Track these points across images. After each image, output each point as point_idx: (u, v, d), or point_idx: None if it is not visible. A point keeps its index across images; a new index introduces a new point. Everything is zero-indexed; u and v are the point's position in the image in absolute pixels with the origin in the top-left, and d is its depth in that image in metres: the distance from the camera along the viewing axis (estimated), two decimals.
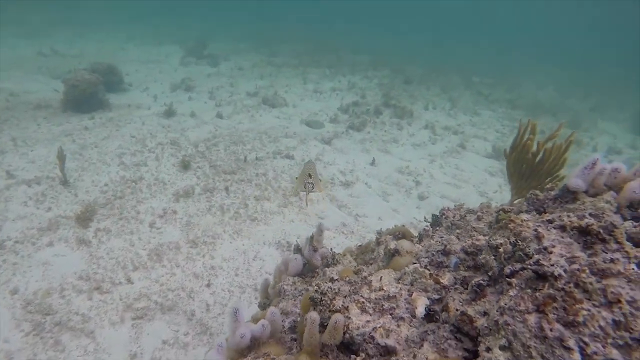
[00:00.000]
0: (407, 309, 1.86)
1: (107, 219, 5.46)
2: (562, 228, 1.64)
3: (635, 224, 1.61)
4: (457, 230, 2.95)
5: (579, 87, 21.16)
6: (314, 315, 1.73)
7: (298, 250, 3.60)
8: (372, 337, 1.70)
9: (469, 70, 20.53)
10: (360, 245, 3.56)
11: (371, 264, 3.33)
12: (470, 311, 1.62)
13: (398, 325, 1.76)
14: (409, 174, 8.18)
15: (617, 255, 1.41)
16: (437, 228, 3.22)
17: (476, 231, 2.80)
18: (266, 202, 6.31)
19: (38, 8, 23.28)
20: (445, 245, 2.57)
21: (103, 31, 20.81)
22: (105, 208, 5.68)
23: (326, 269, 2.98)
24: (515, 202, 3.41)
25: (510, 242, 1.70)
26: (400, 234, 3.67)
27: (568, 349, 1.18)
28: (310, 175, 3.44)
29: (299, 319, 2.24)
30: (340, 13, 44.27)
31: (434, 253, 2.55)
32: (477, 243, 2.17)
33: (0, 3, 19.61)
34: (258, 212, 6.03)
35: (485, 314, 1.59)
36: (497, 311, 1.45)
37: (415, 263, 2.33)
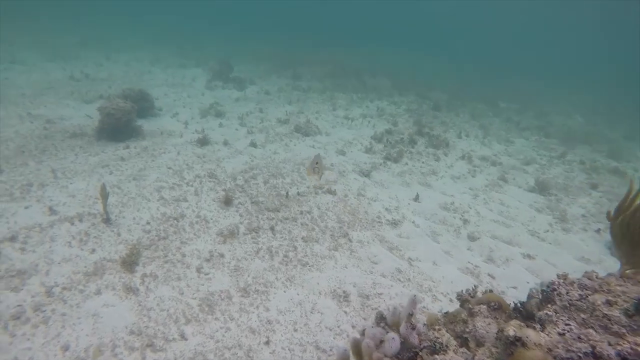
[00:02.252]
0: None
1: (152, 262, 5.19)
2: None
3: None
4: (582, 315, 2.62)
5: (603, 112, 20.75)
6: None
7: (382, 319, 3.27)
8: None
9: (492, 95, 20.29)
10: (446, 313, 3.22)
11: (465, 338, 2.99)
12: None
13: None
14: (455, 210, 7.82)
15: None
16: (551, 306, 2.89)
17: (611, 321, 2.46)
18: (315, 245, 5.99)
19: (66, 29, 23.78)
20: (594, 347, 2.22)
21: (128, 52, 21.09)
22: (150, 249, 5.42)
23: (436, 357, 2.63)
24: (627, 271, 3.06)
25: None
26: (496, 304, 3.34)
27: None
28: (317, 163, 5.54)
29: None
30: (353, 32, 44.75)
31: (581, 356, 2.21)
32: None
33: (28, 25, 20.03)
34: (308, 255, 5.71)
35: None
36: None
37: None
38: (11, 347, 3.77)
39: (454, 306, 5.25)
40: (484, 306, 3.17)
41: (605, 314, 2.45)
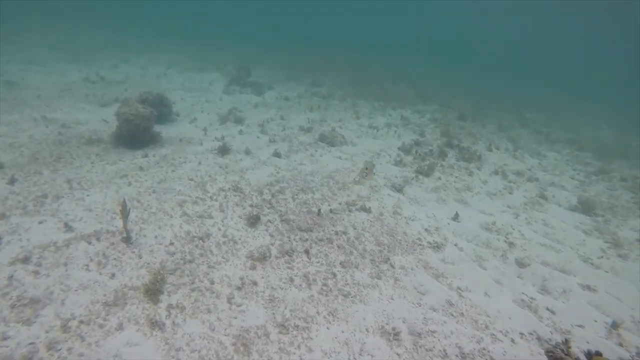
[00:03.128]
0: None
1: (178, 290, 4.65)
2: None
3: None
4: None
5: (629, 122, 19.98)
6: None
7: None
8: None
9: (515, 104, 19.63)
10: None
11: None
12: None
13: None
14: (497, 232, 7.20)
15: None
16: None
17: None
18: (355, 271, 5.41)
19: (82, 31, 23.56)
20: None
21: (144, 55, 20.76)
22: (175, 274, 4.88)
23: None
24: None
25: None
26: None
27: None
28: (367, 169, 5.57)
29: None
30: (371, 41, 44.34)
31: None
32: None
33: (47, 26, 19.79)
34: (349, 284, 5.14)
35: None
36: None
37: None
38: None
39: (517, 348, 4.65)
40: None
41: None
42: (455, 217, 7.39)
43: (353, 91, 17.86)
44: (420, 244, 6.35)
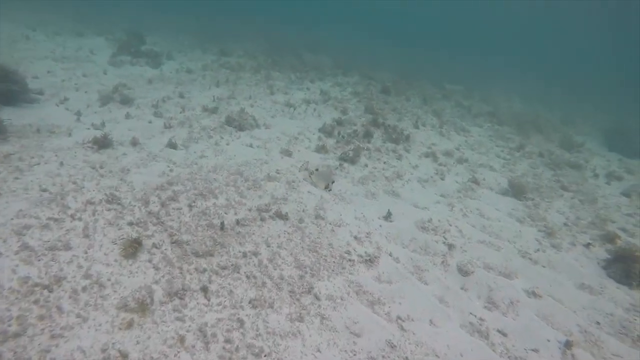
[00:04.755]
0: None
1: None
2: None
3: None
4: None
5: (537, 95, 20.99)
6: None
7: None
8: None
9: (436, 75, 19.40)
10: None
11: None
12: None
13: None
14: (435, 231, 6.35)
15: None
16: None
17: None
18: (270, 313, 4.09)
19: None
20: None
21: None
22: None
23: None
24: None
25: None
26: None
27: None
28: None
29: None
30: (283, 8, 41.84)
31: None
32: None
33: None
34: (262, 335, 3.81)
35: None
36: None
37: None
38: None
39: None
40: None
41: None
42: (388, 217, 6.38)
43: (267, 61, 16.03)
44: (349, 259, 5.21)
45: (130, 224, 4.99)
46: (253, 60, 15.91)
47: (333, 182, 5.78)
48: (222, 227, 5.24)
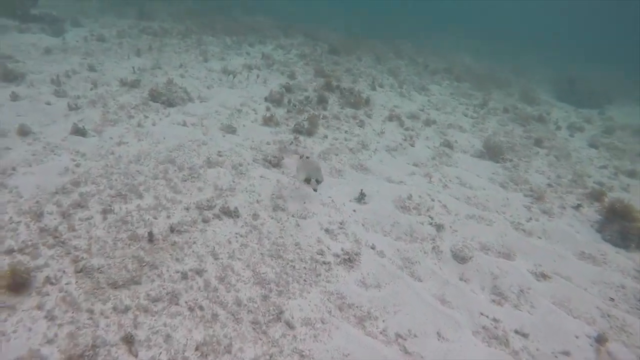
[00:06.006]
0: None
1: None
2: None
3: None
4: None
5: (485, 51, 20.65)
6: None
7: None
8: None
9: (383, 32, 18.28)
10: None
11: None
12: None
13: None
14: (417, 209, 5.35)
15: None
16: None
17: None
18: None
19: None
20: None
21: None
22: None
23: None
24: None
25: None
26: None
27: None
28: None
29: None
30: None
31: None
32: None
33: None
34: None
35: None
36: None
37: None
38: None
39: None
40: None
41: None
42: (361, 198, 5.26)
43: (197, 24, 13.96)
44: (324, 262, 4.05)
45: (9, 251, 3.46)
46: (180, 23, 13.77)
47: (319, 180, 4.55)
48: (150, 238, 3.84)
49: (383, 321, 3.53)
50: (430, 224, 5.07)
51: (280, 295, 3.52)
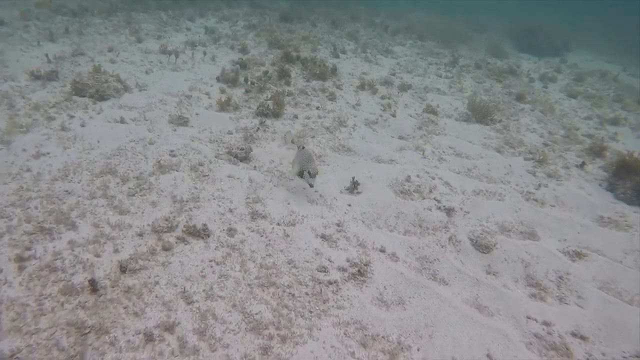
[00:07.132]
0: None
1: None
2: None
3: None
4: None
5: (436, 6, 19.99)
6: None
7: None
8: None
9: None
10: None
11: None
12: None
13: None
14: (419, 192, 4.56)
15: None
16: None
17: None
18: None
19: None
20: None
21: None
22: None
23: None
24: None
25: None
26: None
27: None
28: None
29: None
30: None
31: None
32: None
33: None
34: None
35: None
36: None
37: None
38: None
39: None
40: None
41: None
42: (353, 188, 4.38)
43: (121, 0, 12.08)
44: (329, 281, 3.17)
45: None
46: (104, 1, 11.85)
47: (312, 173, 3.63)
48: (93, 288, 2.79)
49: (418, 350, 2.74)
50: (439, 208, 4.31)
51: (284, 342, 2.62)
